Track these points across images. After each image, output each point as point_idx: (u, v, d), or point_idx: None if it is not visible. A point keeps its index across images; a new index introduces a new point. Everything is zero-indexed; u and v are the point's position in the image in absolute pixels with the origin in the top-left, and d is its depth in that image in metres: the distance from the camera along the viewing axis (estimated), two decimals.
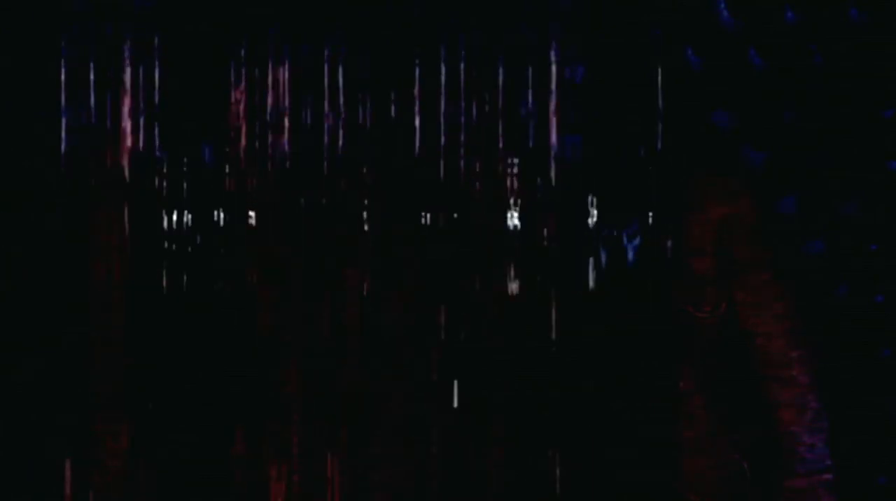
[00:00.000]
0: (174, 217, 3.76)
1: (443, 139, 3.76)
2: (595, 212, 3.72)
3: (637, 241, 3.69)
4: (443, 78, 3.76)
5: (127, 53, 3.75)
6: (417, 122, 3.75)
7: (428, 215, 3.74)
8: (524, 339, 3.73)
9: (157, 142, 3.76)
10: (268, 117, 3.76)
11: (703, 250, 3.39)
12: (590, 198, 3.72)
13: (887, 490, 3.36)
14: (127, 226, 3.75)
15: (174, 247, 3.75)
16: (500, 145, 3.75)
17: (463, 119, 3.75)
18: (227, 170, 3.76)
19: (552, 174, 3.74)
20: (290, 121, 3.77)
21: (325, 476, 3.77)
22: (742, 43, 3.25)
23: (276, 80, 3.77)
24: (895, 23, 3.22)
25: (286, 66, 3.76)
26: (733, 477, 3.40)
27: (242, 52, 3.76)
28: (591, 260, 3.72)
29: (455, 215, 3.75)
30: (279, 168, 3.76)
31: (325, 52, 3.77)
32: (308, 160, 3.77)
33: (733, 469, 3.40)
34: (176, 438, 3.74)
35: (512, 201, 3.75)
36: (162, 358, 3.75)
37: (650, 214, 3.68)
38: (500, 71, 3.75)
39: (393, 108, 3.77)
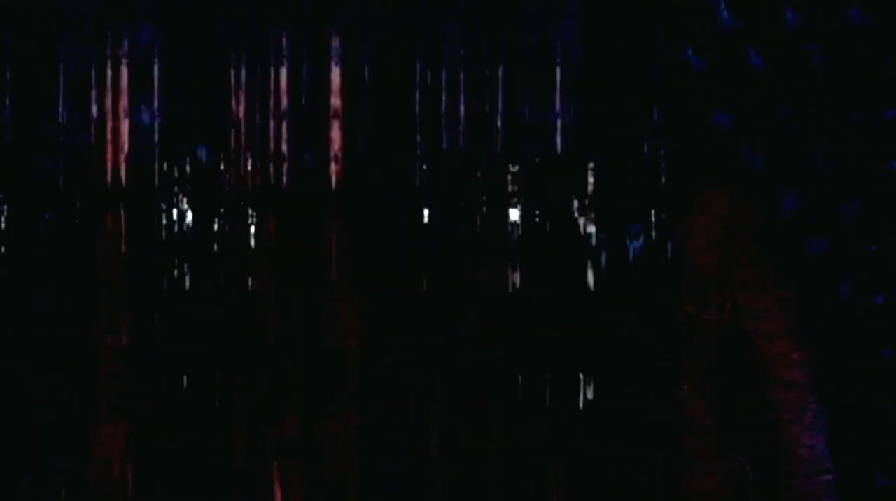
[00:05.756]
0: (175, 218, 3.76)
1: (443, 138, 3.76)
2: (597, 213, 3.72)
3: (639, 242, 3.69)
4: (444, 77, 3.76)
5: (127, 53, 3.76)
6: (417, 122, 3.75)
7: (428, 215, 3.74)
8: (524, 339, 3.72)
9: (157, 143, 3.77)
10: (268, 117, 3.76)
11: (706, 251, 3.39)
12: (592, 199, 3.72)
13: (887, 490, 3.36)
14: (128, 226, 3.75)
15: (174, 247, 3.75)
16: (502, 146, 3.75)
17: (463, 119, 3.75)
18: (226, 171, 3.77)
19: (554, 175, 3.74)
20: (289, 121, 3.77)
21: (325, 476, 3.77)
22: (742, 43, 3.25)
23: (276, 80, 3.77)
24: (895, 23, 3.21)
25: (286, 66, 3.77)
26: (735, 478, 3.40)
27: (243, 53, 3.76)
28: (593, 260, 3.72)
29: (456, 215, 3.74)
30: (279, 168, 3.76)
31: (326, 51, 3.77)
32: (308, 160, 3.77)
33: (735, 470, 3.40)
34: (175, 439, 3.74)
35: (514, 202, 3.75)
36: (162, 358, 3.75)
37: (652, 215, 3.68)
38: (501, 71, 3.75)
39: (393, 107, 3.77)
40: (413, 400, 3.75)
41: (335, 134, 3.76)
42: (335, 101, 3.76)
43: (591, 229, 3.73)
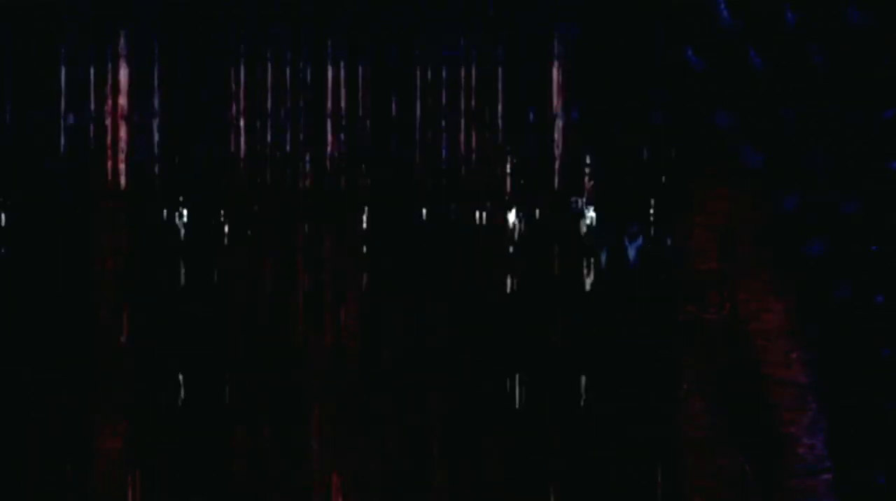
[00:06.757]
0: (175, 218, 3.76)
1: (443, 138, 3.75)
2: (597, 213, 3.72)
3: (638, 242, 3.69)
4: (444, 77, 3.75)
5: (126, 52, 3.76)
6: (417, 121, 3.75)
7: (428, 215, 3.74)
8: (524, 340, 3.72)
9: (156, 143, 3.77)
10: (268, 117, 3.76)
11: (705, 251, 3.38)
12: (592, 199, 3.71)
13: (887, 490, 3.35)
14: (128, 226, 3.75)
15: (174, 247, 3.75)
16: (502, 146, 3.75)
17: (463, 119, 3.75)
18: (226, 171, 3.76)
19: (554, 175, 3.74)
20: (289, 121, 3.77)
21: (326, 477, 3.76)
22: (742, 43, 3.25)
23: (276, 80, 3.77)
24: (895, 23, 3.21)
25: (286, 66, 3.76)
26: (735, 478, 3.40)
27: (242, 52, 3.76)
28: (593, 260, 3.71)
29: (456, 215, 3.74)
30: (279, 168, 3.76)
31: (326, 51, 3.77)
32: (308, 160, 3.77)
33: (735, 470, 3.40)
34: (176, 439, 3.74)
35: (514, 202, 3.75)
36: (162, 358, 3.74)
37: (652, 215, 3.68)
38: (501, 71, 3.74)
39: (393, 107, 3.76)
40: (413, 399, 3.74)
41: (335, 134, 3.76)
42: (335, 101, 3.76)
43: (591, 229, 3.73)
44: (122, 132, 3.76)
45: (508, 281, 3.74)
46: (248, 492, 3.75)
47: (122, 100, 3.76)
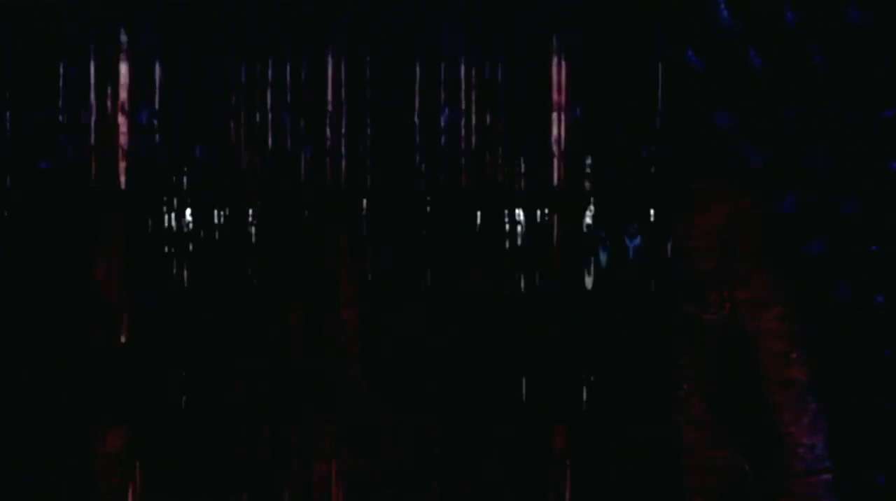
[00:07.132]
0: (174, 218, 3.76)
1: (443, 138, 3.76)
2: (597, 212, 3.72)
3: (637, 241, 3.69)
4: (443, 77, 3.76)
5: (126, 52, 3.76)
6: (417, 121, 3.75)
7: (428, 214, 3.74)
8: (524, 339, 3.72)
9: (157, 142, 3.77)
10: (267, 117, 3.76)
11: (705, 251, 3.39)
12: (592, 199, 3.72)
13: (887, 490, 3.36)
14: (128, 226, 3.75)
15: (174, 247, 3.75)
16: (501, 145, 3.75)
17: (463, 118, 3.75)
18: (226, 171, 3.77)
19: (554, 174, 3.74)
20: (289, 121, 3.77)
21: (326, 477, 3.77)
22: (742, 43, 3.25)
23: (276, 79, 3.77)
24: (895, 23, 3.22)
25: (286, 66, 3.77)
26: (735, 478, 3.40)
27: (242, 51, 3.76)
28: (592, 260, 3.72)
29: (456, 214, 3.75)
30: (279, 168, 3.77)
31: (326, 51, 3.77)
32: (308, 160, 3.77)
33: (735, 469, 3.40)
34: (176, 440, 3.74)
35: (514, 201, 3.75)
36: (162, 358, 3.75)
37: (652, 215, 3.68)
38: (501, 70, 3.75)
39: (392, 106, 3.77)
40: (413, 399, 3.75)
41: (335, 134, 3.76)
42: (335, 101, 3.76)
43: (591, 229, 3.73)
44: (123, 131, 3.76)
45: (508, 281, 3.74)
46: (249, 492, 3.76)
47: (123, 99, 3.76)
